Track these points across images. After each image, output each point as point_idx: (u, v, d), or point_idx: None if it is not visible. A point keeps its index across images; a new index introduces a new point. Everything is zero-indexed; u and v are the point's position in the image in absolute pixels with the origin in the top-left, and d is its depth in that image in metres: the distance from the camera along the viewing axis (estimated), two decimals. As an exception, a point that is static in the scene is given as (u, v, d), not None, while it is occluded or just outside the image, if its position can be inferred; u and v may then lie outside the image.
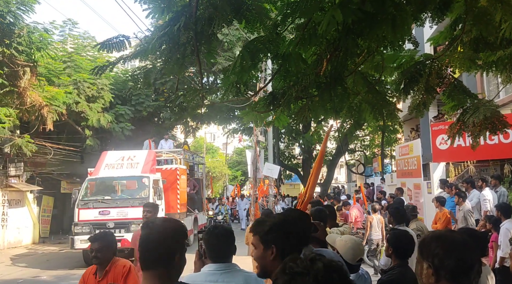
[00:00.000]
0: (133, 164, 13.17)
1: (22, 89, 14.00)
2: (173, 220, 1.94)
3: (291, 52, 3.10)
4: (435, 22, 3.72)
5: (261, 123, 4.53)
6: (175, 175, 14.16)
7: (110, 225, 11.61)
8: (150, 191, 12.29)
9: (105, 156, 13.63)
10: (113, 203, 12.11)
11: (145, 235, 1.81)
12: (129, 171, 12.91)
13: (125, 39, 3.92)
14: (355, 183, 33.91)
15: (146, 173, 12.77)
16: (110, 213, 11.83)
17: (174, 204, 13.79)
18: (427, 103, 4.06)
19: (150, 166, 13.18)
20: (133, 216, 11.70)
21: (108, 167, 13.13)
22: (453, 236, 1.69)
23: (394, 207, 6.42)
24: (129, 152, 14.08)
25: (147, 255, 1.78)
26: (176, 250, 1.81)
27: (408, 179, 13.97)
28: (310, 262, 1.29)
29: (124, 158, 13.45)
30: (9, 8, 13.04)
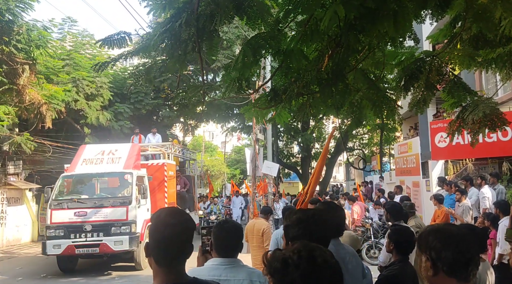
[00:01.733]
0: (114, 158, 11.78)
1: (21, 87, 13.99)
2: (182, 212, 1.88)
3: (292, 48, 3.11)
4: (435, 19, 3.74)
5: (262, 120, 4.54)
6: (162, 171, 12.89)
7: (87, 227, 10.42)
8: (133, 188, 10.97)
9: (83, 150, 12.26)
10: (91, 202, 10.78)
11: (168, 230, 1.71)
12: (110, 167, 11.51)
13: (127, 35, 3.92)
14: (353, 181, 33.97)
15: (129, 168, 11.40)
16: (87, 214, 10.52)
17: (162, 203, 12.42)
18: (427, 100, 4.08)
19: (134, 160, 11.80)
20: (113, 217, 10.56)
21: (86, 162, 11.74)
22: (451, 229, 1.70)
23: (391, 203, 6.44)
24: (110, 146, 12.75)
25: (173, 251, 1.71)
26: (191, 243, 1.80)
27: (407, 177, 14.02)
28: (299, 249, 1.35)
29: (105, 152, 12.05)
30: (8, 6, 13.02)
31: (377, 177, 21.81)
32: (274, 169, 14.13)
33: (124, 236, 10.43)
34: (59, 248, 10.28)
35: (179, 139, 25.81)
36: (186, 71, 16.70)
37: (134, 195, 10.87)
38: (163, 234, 1.70)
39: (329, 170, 23.67)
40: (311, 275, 1.28)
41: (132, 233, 10.57)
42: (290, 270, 1.30)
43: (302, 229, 2.25)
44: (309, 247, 1.36)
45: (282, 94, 3.44)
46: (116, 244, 10.36)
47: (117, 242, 10.36)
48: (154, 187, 12.48)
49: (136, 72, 7.52)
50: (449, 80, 4.21)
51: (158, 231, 1.72)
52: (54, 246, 10.31)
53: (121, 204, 10.74)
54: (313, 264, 1.30)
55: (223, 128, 28.22)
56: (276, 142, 22.34)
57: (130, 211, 10.65)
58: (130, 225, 10.57)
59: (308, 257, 1.31)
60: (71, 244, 10.27)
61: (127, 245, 10.39)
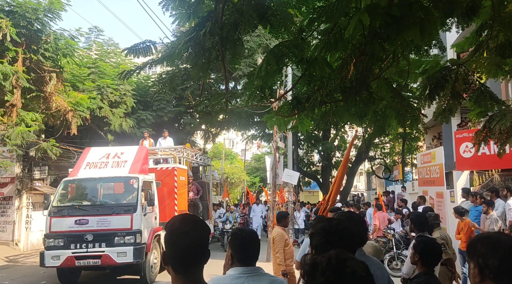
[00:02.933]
0: (120, 162, 10.91)
1: (48, 94, 14.36)
2: (197, 219, 1.87)
3: (316, 56, 3.11)
4: (461, 27, 3.69)
5: (284, 127, 4.54)
6: (172, 176, 11.93)
7: (89, 237, 9.56)
8: (138, 195, 10.04)
9: (87, 153, 11.47)
10: (93, 210, 9.96)
11: (183, 237, 1.72)
12: (115, 171, 10.71)
13: (152, 44, 4.00)
14: (375, 191, 33.53)
15: (134, 173, 10.51)
16: (89, 223, 9.70)
17: (171, 211, 11.55)
18: (453, 109, 4.01)
19: (141, 164, 10.93)
20: (116, 226, 9.68)
21: (89, 166, 10.95)
22: (499, 237, 1.73)
23: (415, 214, 6.32)
24: (116, 148, 11.92)
25: (189, 258, 1.72)
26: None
27: (430, 187, 13.75)
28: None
29: (110, 155, 11.18)
30: (37, 15, 13.44)
31: (399, 187, 21.46)
32: (294, 177, 14.06)
33: (128, 246, 9.58)
34: (58, 259, 9.46)
35: (199, 146, 25.99)
36: (208, 79, 16.85)
37: (139, 202, 10.00)
38: (178, 242, 1.71)
39: (350, 179, 23.41)
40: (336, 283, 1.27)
41: (137, 244, 9.70)
42: (316, 275, 1.30)
43: (325, 238, 2.26)
44: (342, 256, 1.34)
45: (305, 103, 3.44)
46: (120, 255, 9.52)
47: (121, 254, 9.52)
48: (163, 193, 11.59)
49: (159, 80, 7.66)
50: (475, 89, 4.13)
51: (173, 239, 1.73)
52: (52, 257, 9.49)
53: (125, 212, 9.85)
54: (339, 273, 1.29)
55: (244, 136, 28.29)
56: (297, 150, 22.28)
57: (135, 219, 9.78)
58: (135, 234, 9.70)
59: (336, 266, 1.30)
60: (71, 255, 9.47)
61: (131, 256, 9.51)
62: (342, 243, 2.24)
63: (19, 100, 13.38)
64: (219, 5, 3.37)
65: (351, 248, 2.43)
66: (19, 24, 13.08)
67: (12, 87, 12.97)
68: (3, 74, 12.42)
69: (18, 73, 12.91)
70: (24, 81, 13.11)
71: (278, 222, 6.95)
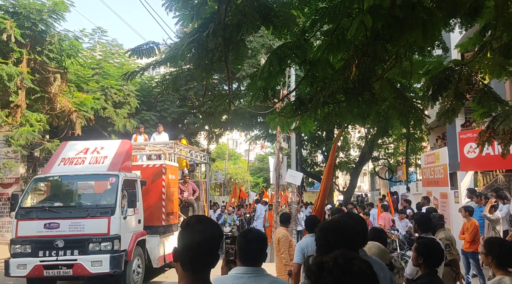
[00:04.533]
0: (99, 158, 9.65)
1: (52, 95, 14.42)
2: (212, 221, 1.93)
3: (319, 58, 3.12)
4: (464, 28, 3.69)
5: (287, 128, 4.55)
6: (160, 174, 10.61)
7: (59, 243, 8.39)
8: (118, 195, 8.82)
9: (64, 147, 10.21)
10: (65, 212, 8.78)
11: (197, 237, 1.75)
12: (92, 168, 9.45)
13: (155, 45, 4.02)
14: (378, 191, 33.46)
15: (115, 170, 9.28)
16: (60, 227, 8.52)
17: (158, 213, 10.37)
18: (456, 109, 4.01)
19: (123, 160, 9.69)
20: (91, 231, 8.52)
21: (64, 161, 9.65)
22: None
23: (420, 214, 6.30)
24: (96, 142, 10.67)
25: (200, 258, 1.75)
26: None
27: (435, 188, 13.71)
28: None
29: (89, 150, 9.90)
30: (41, 17, 13.49)
31: (403, 187, 21.42)
32: (298, 177, 14.05)
33: (104, 254, 8.41)
34: (25, 268, 8.33)
35: (203, 146, 26.02)
36: (212, 79, 16.84)
37: (118, 203, 8.78)
38: (191, 240, 1.74)
39: (354, 180, 23.38)
40: (343, 282, 1.30)
41: (114, 251, 8.52)
42: (323, 274, 1.32)
43: (325, 237, 2.32)
44: (348, 255, 1.37)
45: (308, 103, 3.44)
46: (94, 264, 8.35)
47: (95, 262, 8.36)
48: (150, 193, 10.36)
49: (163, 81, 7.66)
50: (478, 90, 4.12)
51: (186, 237, 1.76)
52: (18, 265, 8.38)
53: (102, 214, 8.67)
54: (347, 271, 1.31)
55: (247, 137, 28.32)
56: (300, 151, 22.26)
57: (112, 223, 8.61)
58: (112, 240, 8.53)
59: (343, 264, 1.32)
60: (39, 264, 8.33)
61: (108, 266, 8.33)
62: (343, 242, 2.26)
63: (23, 101, 13.44)
64: (222, 6, 3.38)
65: (353, 248, 2.45)
66: (24, 25, 13.14)
67: (16, 88, 13.02)
68: (8, 75, 12.47)
69: (22, 74, 12.97)
70: (28, 82, 13.17)
71: (282, 223, 6.98)
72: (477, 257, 8.06)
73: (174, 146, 12.51)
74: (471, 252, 8.23)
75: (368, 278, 1.33)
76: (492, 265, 3.49)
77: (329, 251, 1.52)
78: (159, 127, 14.84)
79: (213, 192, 33.25)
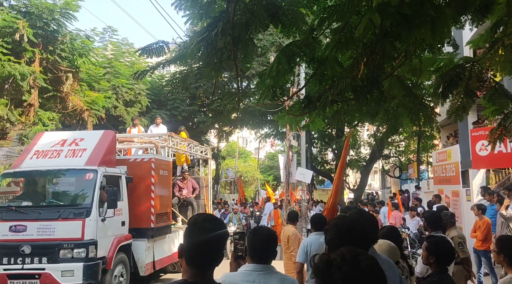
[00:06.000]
0: (76, 151, 8.47)
1: (64, 94, 14.58)
2: (218, 219, 1.96)
3: (327, 56, 3.12)
4: (475, 24, 3.65)
5: (296, 127, 4.56)
6: (148, 169, 9.35)
7: (26, 249, 7.30)
8: (95, 193, 7.75)
9: (39, 139, 9.07)
10: (34, 213, 7.66)
11: (204, 234, 1.78)
12: (68, 162, 8.29)
13: (165, 45, 4.05)
14: (389, 189, 33.27)
15: (93, 164, 8.15)
16: (27, 230, 7.44)
17: (146, 213, 9.14)
18: (467, 107, 3.98)
19: (104, 154, 8.52)
20: (62, 235, 7.40)
21: (38, 154, 8.53)
22: None
23: (430, 212, 6.26)
24: (76, 133, 9.74)
25: (205, 255, 1.78)
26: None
27: (446, 186, 13.58)
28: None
29: (66, 142, 8.72)
30: (53, 16, 13.64)
31: (414, 185, 21.26)
32: (308, 175, 14.03)
33: (77, 263, 7.31)
34: None
35: (213, 144, 26.09)
36: (221, 78, 16.84)
37: (95, 203, 7.70)
38: (197, 237, 1.77)
39: (364, 178, 23.27)
40: (353, 278, 1.32)
41: (89, 259, 7.41)
42: (332, 271, 1.34)
43: (336, 234, 2.32)
44: (354, 251, 1.40)
45: (316, 102, 3.45)
46: (65, 274, 7.24)
47: (66, 272, 7.26)
48: (137, 191, 9.23)
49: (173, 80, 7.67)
50: (490, 87, 4.08)
51: (192, 233, 1.80)
52: None
53: (76, 216, 7.55)
54: (356, 267, 1.33)
55: (257, 135, 28.33)
56: (310, 149, 22.21)
57: (87, 226, 7.52)
58: (87, 247, 7.43)
59: (351, 261, 1.35)
60: (2, 273, 7.30)
61: (81, 276, 7.24)
62: (354, 239, 2.27)
63: (36, 100, 13.61)
64: (231, 5, 3.40)
65: (364, 245, 2.46)
66: (36, 25, 13.29)
67: (29, 87, 13.19)
68: (21, 75, 12.63)
69: (35, 74, 13.13)
70: (41, 81, 13.33)
71: (290, 221, 7.00)
72: (489, 255, 7.99)
73: (168, 138, 11.22)
74: (483, 250, 8.16)
75: (376, 273, 1.35)
76: (504, 264, 3.47)
77: (339, 246, 1.55)
78: (157, 119, 13.94)
79: (223, 190, 33.35)
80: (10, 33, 12.68)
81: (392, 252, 3.54)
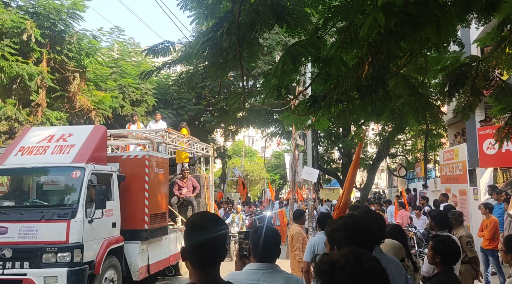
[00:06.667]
0: (64, 147, 7.96)
1: (72, 94, 14.68)
2: (216, 216, 1.96)
3: (332, 55, 3.12)
4: (481, 23, 3.63)
5: (301, 126, 4.56)
6: (142, 166, 8.78)
7: (6, 253, 6.84)
8: (81, 192, 7.24)
9: (25, 134, 8.56)
10: (16, 213, 7.20)
11: (203, 234, 1.78)
12: (55, 158, 7.79)
13: (170, 45, 4.07)
14: (396, 188, 33.13)
15: (81, 161, 7.63)
16: (8, 232, 6.95)
17: (140, 214, 8.56)
18: (473, 106, 3.96)
19: (93, 150, 8.00)
20: (46, 238, 6.90)
21: (23, 151, 8.06)
22: None
23: (437, 211, 6.24)
24: (64, 128, 9.23)
25: (208, 254, 1.79)
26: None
27: (453, 185, 13.50)
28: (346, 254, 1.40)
29: (54, 137, 8.22)
30: (60, 17, 13.74)
31: (421, 184, 21.17)
32: (314, 174, 14.02)
33: (61, 268, 6.78)
34: None
35: (219, 143, 26.13)
36: (227, 77, 16.82)
37: (82, 203, 7.18)
38: (197, 237, 1.77)
39: (371, 177, 23.20)
40: (357, 279, 1.33)
41: (75, 264, 6.87)
42: (336, 273, 1.35)
43: (346, 233, 2.30)
44: (357, 252, 1.41)
45: (322, 101, 3.45)
46: (48, 280, 6.75)
47: (49, 278, 6.76)
48: (130, 191, 8.67)
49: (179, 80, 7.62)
50: (496, 86, 4.06)
51: (192, 234, 1.80)
52: None
53: (60, 217, 7.03)
54: (360, 268, 1.35)
55: (263, 134, 28.34)
56: (316, 147, 22.19)
57: (73, 228, 6.99)
58: (71, 250, 6.89)
59: (354, 261, 1.36)
60: None
61: (65, 282, 6.76)
62: (363, 238, 2.28)
63: (44, 100, 13.72)
64: (236, 5, 3.41)
65: (370, 244, 2.46)
66: (43, 25, 13.40)
67: (37, 87, 13.30)
68: (29, 75, 12.75)
69: (43, 74, 13.24)
70: (48, 81, 13.43)
71: (296, 220, 7.01)
72: (497, 254, 7.95)
73: (166, 134, 10.62)
74: (491, 249, 8.12)
75: (379, 273, 1.37)
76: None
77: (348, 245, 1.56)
78: (157, 115, 13.45)
79: (230, 189, 33.38)
80: (18, 33, 12.79)
81: (397, 250, 3.55)
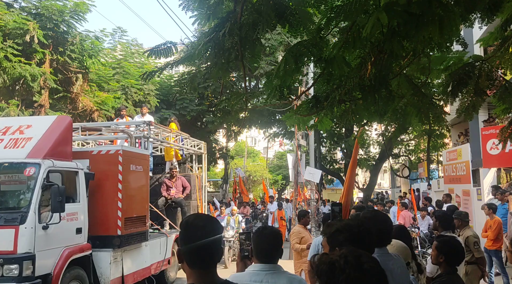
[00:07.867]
0: (19, 140, 6.92)
1: (74, 94, 14.70)
2: (210, 216, 1.97)
3: (334, 55, 3.11)
4: (484, 22, 3.62)
5: (304, 126, 4.55)
6: (115, 163, 7.64)
7: None
8: (34, 193, 6.19)
9: None
10: None
11: (198, 233, 1.79)
12: (6, 153, 6.73)
13: (172, 45, 4.07)
14: (399, 189, 33.06)
15: (36, 156, 6.55)
16: None
17: (111, 218, 7.47)
18: (477, 106, 3.95)
19: (54, 144, 6.92)
20: None
21: None
22: None
23: (442, 212, 6.22)
24: (23, 119, 8.20)
25: (203, 253, 1.79)
26: None
27: (457, 185, 13.48)
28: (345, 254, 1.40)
29: (10, 129, 7.18)
30: (63, 18, 13.76)
31: (424, 185, 21.12)
32: (317, 175, 13.99)
33: (8, 283, 5.78)
34: None
35: (222, 144, 26.12)
36: (229, 78, 16.82)
37: (34, 206, 6.12)
38: (193, 238, 1.78)
39: (374, 177, 23.16)
40: (356, 280, 1.33)
41: (24, 278, 5.85)
42: (336, 274, 1.35)
43: (349, 235, 2.28)
44: (356, 253, 1.41)
45: (324, 101, 3.44)
46: None
47: None
48: (100, 191, 7.60)
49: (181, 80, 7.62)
50: (500, 86, 4.04)
51: (187, 235, 1.81)
52: None
53: (7, 223, 6.03)
54: (359, 269, 1.35)
55: (266, 134, 28.34)
56: (319, 148, 22.18)
57: (22, 236, 5.96)
58: (20, 262, 5.86)
59: (354, 262, 1.36)
60: None
61: None
62: (365, 241, 2.26)
63: (47, 101, 13.74)
64: (238, 6, 3.41)
65: (373, 247, 2.45)
66: (46, 26, 13.41)
67: (40, 88, 13.33)
68: (32, 76, 12.77)
69: (45, 75, 13.26)
70: (51, 82, 13.45)
71: (299, 220, 7.03)
72: (500, 255, 7.92)
73: (146, 128, 9.44)
74: (494, 250, 8.08)
75: (377, 274, 1.37)
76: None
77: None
78: (143, 108, 12.33)
79: (231, 189, 33.37)
80: (20, 34, 12.82)
81: (403, 252, 3.52)
